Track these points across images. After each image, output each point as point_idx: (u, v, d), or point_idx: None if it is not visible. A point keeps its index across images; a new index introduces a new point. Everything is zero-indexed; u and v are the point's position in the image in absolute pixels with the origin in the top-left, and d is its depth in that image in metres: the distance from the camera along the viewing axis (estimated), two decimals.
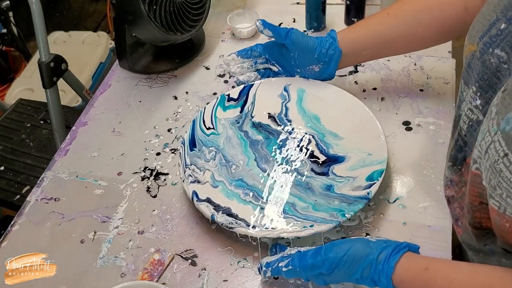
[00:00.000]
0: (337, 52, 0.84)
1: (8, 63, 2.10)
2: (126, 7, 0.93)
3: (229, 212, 0.74)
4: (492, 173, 0.51)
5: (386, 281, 0.58)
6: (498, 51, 0.55)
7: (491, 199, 0.52)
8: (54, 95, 1.19)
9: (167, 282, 0.71)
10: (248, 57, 0.91)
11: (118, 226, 0.78)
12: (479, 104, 0.60)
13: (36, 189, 0.85)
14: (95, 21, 2.51)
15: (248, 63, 0.91)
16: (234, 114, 0.89)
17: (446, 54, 1.00)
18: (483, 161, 0.53)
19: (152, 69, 1.05)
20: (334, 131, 0.85)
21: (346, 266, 0.60)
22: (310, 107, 0.89)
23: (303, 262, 0.62)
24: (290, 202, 0.76)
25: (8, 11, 1.94)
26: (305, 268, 0.62)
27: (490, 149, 0.51)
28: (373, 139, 0.80)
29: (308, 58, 0.86)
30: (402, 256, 0.59)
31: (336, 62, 0.85)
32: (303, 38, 0.84)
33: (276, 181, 0.79)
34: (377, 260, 0.59)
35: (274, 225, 0.72)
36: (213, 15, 1.17)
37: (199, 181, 0.79)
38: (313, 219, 0.72)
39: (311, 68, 0.87)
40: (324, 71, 0.87)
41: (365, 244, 0.60)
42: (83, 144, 0.92)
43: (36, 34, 1.13)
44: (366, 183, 0.75)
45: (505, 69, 0.55)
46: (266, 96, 0.90)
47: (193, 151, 0.83)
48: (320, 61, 0.85)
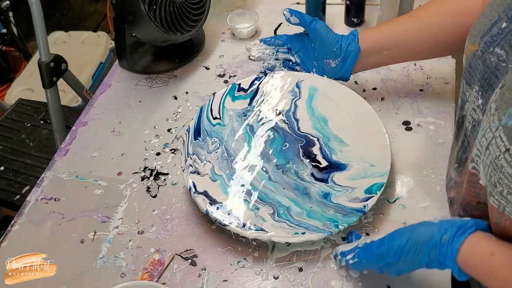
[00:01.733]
0: (355, 49, 0.84)
1: (8, 63, 2.10)
2: (126, 7, 0.93)
3: (224, 208, 0.74)
4: (492, 169, 0.51)
5: (451, 264, 0.56)
6: (498, 49, 0.56)
7: (491, 197, 0.52)
8: (54, 95, 1.19)
9: (167, 282, 0.71)
10: (271, 44, 0.93)
11: (118, 226, 0.78)
12: (480, 103, 0.60)
13: (36, 189, 0.85)
14: (95, 21, 2.51)
15: (269, 50, 0.93)
16: (242, 106, 0.89)
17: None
18: (484, 158, 0.53)
19: (152, 69, 1.05)
20: (340, 136, 0.84)
21: (412, 252, 0.58)
22: (319, 107, 0.88)
23: (368, 253, 0.62)
24: (286, 206, 0.76)
25: (8, 11, 1.94)
26: (371, 260, 0.62)
27: (491, 145, 0.51)
28: (378, 149, 0.79)
29: (327, 51, 0.86)
30: (468, 237, 0.56)
31: (353, 60, 0.85)
32: (326, 30, 0.86)
33: (274, 182, 0.79)
34: (441, 242, 0.56)
35: (266, 227, 0.72)
36: (213, 15, 1.17)
37: (199, 173, 0.79)
38: (305, 226, 0.72)
39: (327, 63, 0.87)
40: (340, 68, 0.87)
41: (427, 227, 0.58)
42: (83, 144, 0.92)
43: (36, 34, 1.13)
44: (364, 196, 0.74)
45: (503, 67, 0.55)
46: (276, 90, 0.90)
47: (196, 140, 0.83)
48: (338, 57, 0.86)
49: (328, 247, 0.73)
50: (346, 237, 0.71)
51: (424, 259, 0.58)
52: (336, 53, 0.85)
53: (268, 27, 1.12)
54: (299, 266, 0.71)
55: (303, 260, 0.72)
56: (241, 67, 1.04)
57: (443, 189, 0.78)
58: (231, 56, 1.07)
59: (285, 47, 0.93)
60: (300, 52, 0.92)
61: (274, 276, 0.70)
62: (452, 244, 0.56)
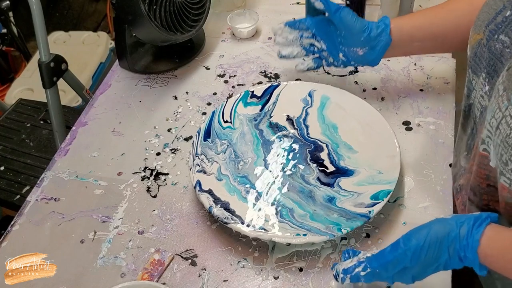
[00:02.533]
0: (387, 40, 0.81)
1: (8, 63, 2.10)
2: (126, 7, 0.93)
3: (227, 207, 0.75)
4: (503, 147, 0.52)
5: (472, 256, 0.55)
6: (503, 36, 0.58)
7: (502, 176, 0.53)
8: (54, 95, 1.19)
9: (167, 282, 0.71)
10: (295, 28, 0.87)
11: (118, 226, 0.78)
12: (487, 90, 0.61)
13: (36, 189, 0.85)
14: (95, 21, 2.51)
15: (293, 35, 0.88)
16: (254, 111, 0.90)
17: (446, 54, 1.00)
18: (494, 138, 0.54)
19: (152, 69, 1.05)
20: (349, 143, 0.84)
21: (432, 249, 0.57)
22: (330, 115, 0.88)
23: (382, 260, 0.59)
24: (289, 207, 0.76)
25: (8, 11, 1.94)
26: (386, 267, 0.59)
27: (501, 124, 0.52)
28: (387, 158, 0.79)
29: (354, 39, 0.82)
30: (486, 228, 0.55)
31: (383, 50, 0.82)
32: (353, 18, 0.81)
33: (279, 184, 0.79)
34: (460, 235, 0.56)
35: (268, 227, 0.72)
36: (213, 15, 1.17)
37: (205, 172, 0.80)
38: (308, 228, 0.72)
39: (354, 51, 0.83)
40: (368, 56, 0.83)
41: (443, 223, 0.57)
42: (83, 144, 0.92)
43: (36, 34, 1.13)
44: (369, 201, 0.73)
45: (508, 53, 0.57)
46: (289, 98, 0.90)
47: (206, 141, 0.84)
48: (366, 46, 0.82)
49: (329, 247, 0.73)
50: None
51: (443, 256, 0.57)
52: (363, 42, 0.81)
53: (268, 27, 1.12)
54: (299, 266, 0.71)
55: (303, 260, 0.72)
56: (241, 67, 1.04)
57: (443, 189, 0.78)
58: (231, 56, 1.07)
59: (309, 32, 0.87)
60: (326, 38, 0.86)
61: (274, 276, 0.70)
62: (472, 235, 0.55)
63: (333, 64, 0.88)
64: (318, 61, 0.89)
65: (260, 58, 1.05)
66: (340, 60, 0.86)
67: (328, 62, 0.88)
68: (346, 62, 0.86)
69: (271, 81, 0.99)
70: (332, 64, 0.88)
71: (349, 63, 0.86)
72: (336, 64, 0.87)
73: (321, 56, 0.89)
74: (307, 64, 0.90)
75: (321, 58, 0.89)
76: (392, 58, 0.99)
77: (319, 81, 0.96)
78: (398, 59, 0.99)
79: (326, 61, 0.89)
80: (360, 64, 0.86)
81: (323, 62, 0.89)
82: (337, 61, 0.87)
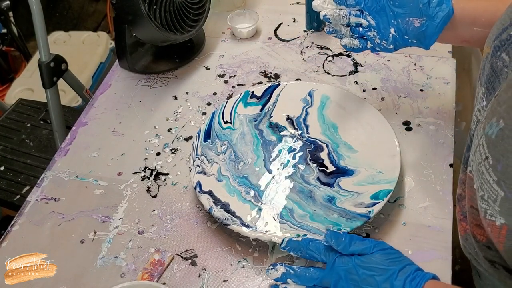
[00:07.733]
0: (449, 11, 0.68)
1: (8, 63, 2.10)
2: (126, 7, 0.93)
3: (227, 208, 0.75)
4: (477, 175, 0.53)
5: None
6: (504, 54, 0.56)
7: (478, 201, 0.54)
8: (54, 95, 1.19)
9: (167, 282, 0.71)
10: (341, 3, 0.75)
11: (118, 226, 0.78)
12: (484, 105, 0.60)
13: (36, 189, 0.85)
14: (95, 21, 2.51)
15: (343, 12, 0.75)
16: (254, 112, 0.90)
17: (446, 54, 1.00)
18: (472, 163, 0.54)
19: (152, 69, 1.05)
20: (349, 142, 0.84)
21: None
22: (330, 115, 0.88)
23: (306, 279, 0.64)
24: (289, 208, 0.76)
25: (8, 11, 1.94)
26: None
27: (477, 151, 0.53)
28: (388, 157, 0.79)
29: (411, 7, 0.70)
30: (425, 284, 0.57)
31: (444, 23, 0.69)
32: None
33: (279, 184, 0.79)
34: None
35: (268, 228, 0.72)
36: (213, 15, 1.17)
37: (205, 173, 0.80)
38: (307, 228, 0.72)
39: (410, 22, 0.71)
40: (425, 29, 0.70)
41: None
42: (83, 144, 0.92)
43: (36, 34, 1.13)
44: (369, 201, 0.73)
45: (505, 73, 0.56)
46: (289, 98, 0.90)
47: (206, 142, 0.84)
48: (424, 15, 0.70)
49: None
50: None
51: None
52: (422, 10, 0.69)
53: (268, 27, 1.13)
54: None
55: (303, 260, 0.72)
56: (241, 67, 1.04)
57: (443, 189, 0.78)
58: (231, 56, 1.07)
59: (357, 8, 0.75)
60: (375, 13, 0.74)
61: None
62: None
63: (380, 46, 0.76)
64: (363, 42, 0.78)
65: (260, 58, 1.05)
66: (391, 38, 0.74)
67: (375, 43, 0.76)
68: (397, 40, 0.74)
69: (271, 81, 0.99)
70: (379, 46, 0.77)
71: (400, 42, 0.74)
72: (385, 45, 0.75)
73: (367, 38, 0.77)
74: (353, 43, 0.78)
75: (367, 40, 0.78)
76: (392, 58, 0.99)
77: (319, 81, 0.97)
78: (398, 59, 0.99)
79: (372, 42, 0.77)
80: (413, 41, 0.73)
81: (368, 44, 0.78)
82: (386, 40, 0.75)
